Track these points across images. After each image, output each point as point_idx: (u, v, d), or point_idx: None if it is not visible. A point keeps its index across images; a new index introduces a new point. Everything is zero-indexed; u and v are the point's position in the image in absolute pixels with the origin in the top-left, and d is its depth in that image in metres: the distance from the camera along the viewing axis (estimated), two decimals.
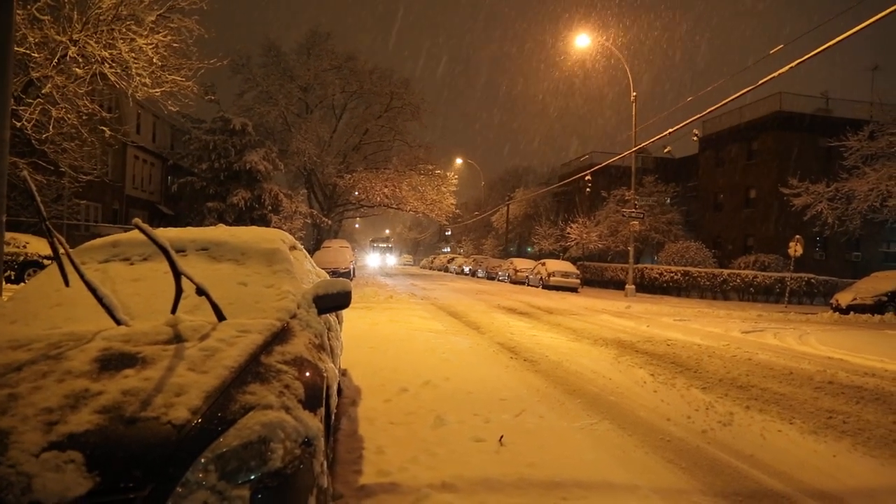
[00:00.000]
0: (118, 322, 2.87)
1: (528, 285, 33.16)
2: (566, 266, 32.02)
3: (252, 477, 2.14)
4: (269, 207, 30.91)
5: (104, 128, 16.14)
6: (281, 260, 3.95)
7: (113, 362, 2.48)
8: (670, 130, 23.15)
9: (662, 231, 37.13)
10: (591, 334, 11.61)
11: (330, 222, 41.42)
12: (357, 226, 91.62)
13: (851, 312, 21.02)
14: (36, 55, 13.59)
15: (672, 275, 31.18)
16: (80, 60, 14.09)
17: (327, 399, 3.04)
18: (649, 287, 31.61)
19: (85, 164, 18.29)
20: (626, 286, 27.43)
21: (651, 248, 39.68)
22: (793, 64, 15.19)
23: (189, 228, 4.45)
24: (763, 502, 3.79)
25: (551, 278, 30.41)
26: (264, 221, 29.29)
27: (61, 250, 3.00)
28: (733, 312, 19.89)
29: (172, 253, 2.77)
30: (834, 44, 13.82)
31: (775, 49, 17.58)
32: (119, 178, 31.84)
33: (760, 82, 16.95)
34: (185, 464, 2.06)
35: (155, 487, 1.98)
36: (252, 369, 2.59)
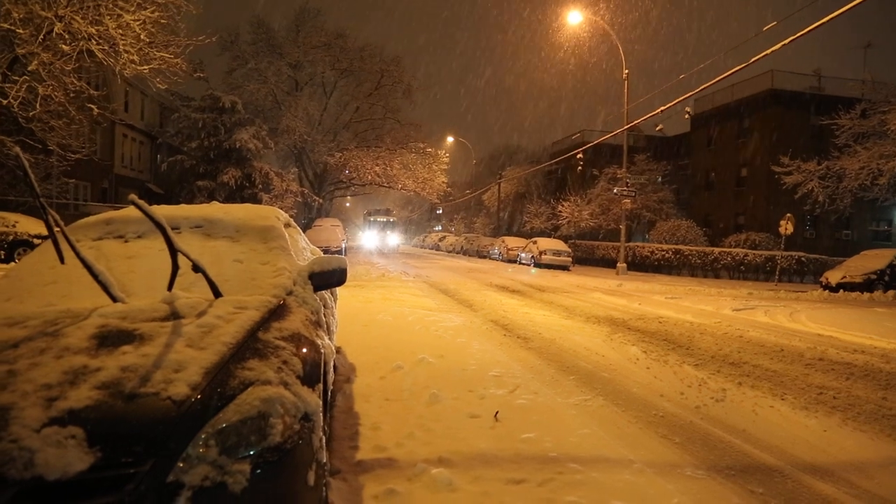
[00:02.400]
0: (114, 299, 2.86)
1: (520, 263, 33.23)
2: (558, 244, 32.08)
3: (252, 452, 2.15)
4: (260, 186, 30.72)
5: (92, 105, 15.93)
6: (276, 237, 3.93)
7: (110, 339, 2.48)
8: (662, 108, 23.07)
9: (654, 209, 37.20)
10: (584, 312, 11.67)
11: (321, 201, 41.22)
12: (348, 204, 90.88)
13: (841, 290, 21.21)
14: (21, 31, 13.35)
15: (663, 253, 31.30)
16: (67, 37, 13.86)
17: (324, 375, 3.04)
18: (640, 265, 31.74)
19: (73, 142, 18.08)
20: (618, 264, 27.53)
21: (642, 227, 39.81)
22: (785, 41, 15.11)
23: (182, 206, 4.42)
24: (756, 476, 3.84)
25: (543, 256, 30.46)
26: (255, 200, 29.12)
27: (56, 228, 2.97)
28: (724, 290, 20.03)
29: (169, 229, 2.75)
30: (826, 21, 13.75)
31: (768, 26, 17.50)
32: (108, 157, 31.51)
33: (753, 59, 16.85)
34: (186, 439, 2.07)
35: (156, 462, 1.99)
36: (250, 345, 2.59)
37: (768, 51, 15.84)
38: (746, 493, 3.57)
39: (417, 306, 10.99)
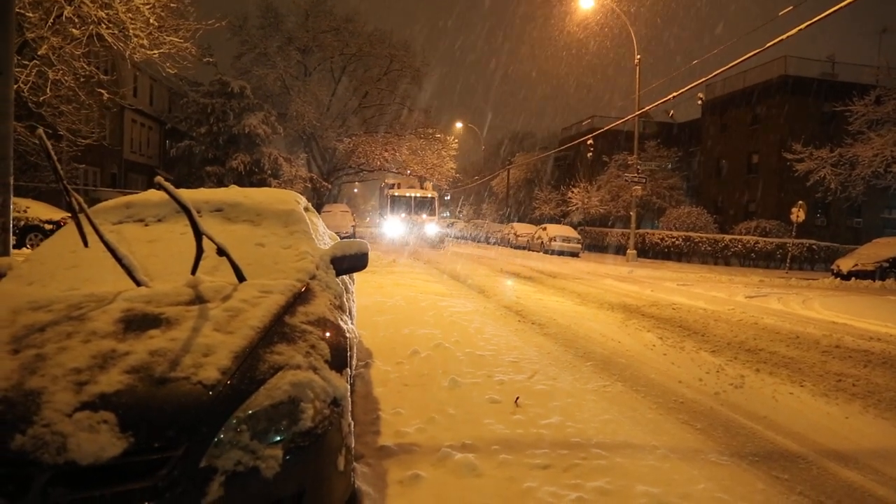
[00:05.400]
0: (138, 283, 2.84)
1: (530, 250, 33.15)
2: (567, 231, 31.98)
3: (284, 437, 2.14)
4: (269, 172, 30.68)
5: (102, 90, 15.90)
6: (297, 221, 3.90)
7: (136, 323, 2.46)
8: (674, 94, 22.85)
9: (664, 196, 37.00)
10: (597, 298, 11.62)
11: (330, 187, 41.20)
12: (356, 190, 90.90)
13: (853, 278, 21.02)
14: (30, 15, 13.31)
15: (673, 240, 31.15)
16: (77, 21, 13.79)
17: (350, 360, 3.02)
18: (650, 252, 31.61)
19: (83, 127, 18.07)
20: (628, 251, 27.43)
21: (652, 214, 39.60)
22: (801, 26, 14.88)
23: (202, 189, 4.39)
24: (780, 462, 3.81)
25: (552, 243, 30.39)
26: (264, 186, 29.08)
27: (79, 211, 2.94)
28: (735, 277, 19.91)
29: (194, 212, 2.72)
30: (844, 6, 13.52)
31: (784, 11, 17.26)
32: (117, 142, 31.49)
33: (767, 45, 16.65)
34: (218, 424, 2.05)
35: (189, 447, 1.98)
36: (277, 330, 2.57)
37: (783, 36, 15.62)
38: (771, 479, 3.54)
39: (430, 292, 10.97)
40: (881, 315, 11.00)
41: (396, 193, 32.96)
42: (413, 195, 32.93)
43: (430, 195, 33.25)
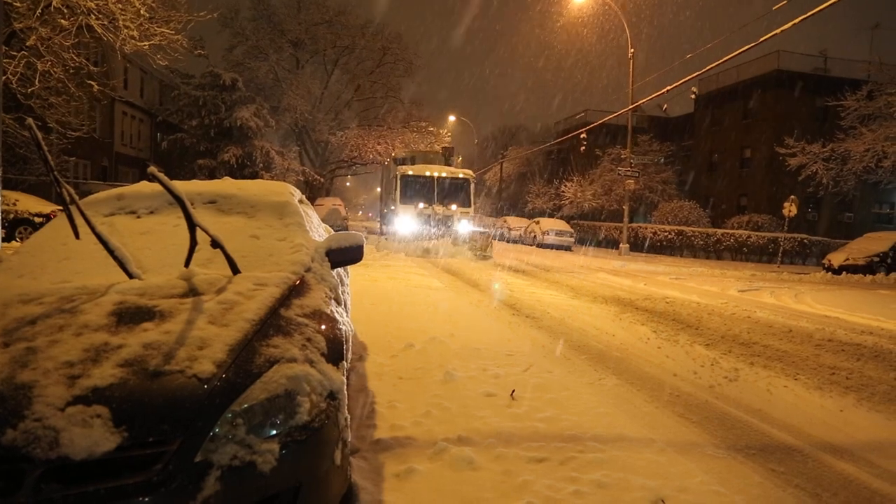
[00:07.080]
0: (130, 275, 2.79)
1: (522, 244, 33.18)
2: (560, 225, 32.03)
3: (280, 431, 2.11)
4: (261, 165, 30.50)
5: (91, 82, 15.74)
6: (292, 213, 3.86)
7: (129, 316, 2.42)
8: (667, 88, 22.86)
9: (656, 190, 37.08)
10: (590, 292, 11.63)
11: (322, 180, 41.02)
12: (348, 184, 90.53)
13: (843, 272, 21.14)
14: (18, 5, 13.15)
15: (666, 234, 31.24)
16: (66, 11, 13.63)
17: (345, 352, 2.99)
18: (643, 246, 31.69)
19: (72, 119, 17.89)
20: (621, 245, 27.50)
21: (645, 208, 39.68)
22: (795, 21, 14.90)
23: (195, 181, 4.35)
24: (776, 455, 3.81)
25: (545, 237, 30.44)
26: (256, 179, 28.85)
27: (70, 203, 2.89)
28: (727, 271, 20.01)
29: (188, 204, 2.67)
30: (834, 2, 13.51)
31: (778, 5, 17.27)
32: (108, 135, 31.26)
33: (761, 39, 16.66)
34: (213, 418, 2.02)
35: (183, 441, 1.94)
36: (273, 323, 2.54)
37: (777, 30, 15.63)
38: (768, 472, 3.54)
39: (424, 286, 10.94)
40: (872, 309, 11.06)
41: (411, 173, 21.99)
42: (437, 175, 21.79)
43: (461, 176, 22.28)
